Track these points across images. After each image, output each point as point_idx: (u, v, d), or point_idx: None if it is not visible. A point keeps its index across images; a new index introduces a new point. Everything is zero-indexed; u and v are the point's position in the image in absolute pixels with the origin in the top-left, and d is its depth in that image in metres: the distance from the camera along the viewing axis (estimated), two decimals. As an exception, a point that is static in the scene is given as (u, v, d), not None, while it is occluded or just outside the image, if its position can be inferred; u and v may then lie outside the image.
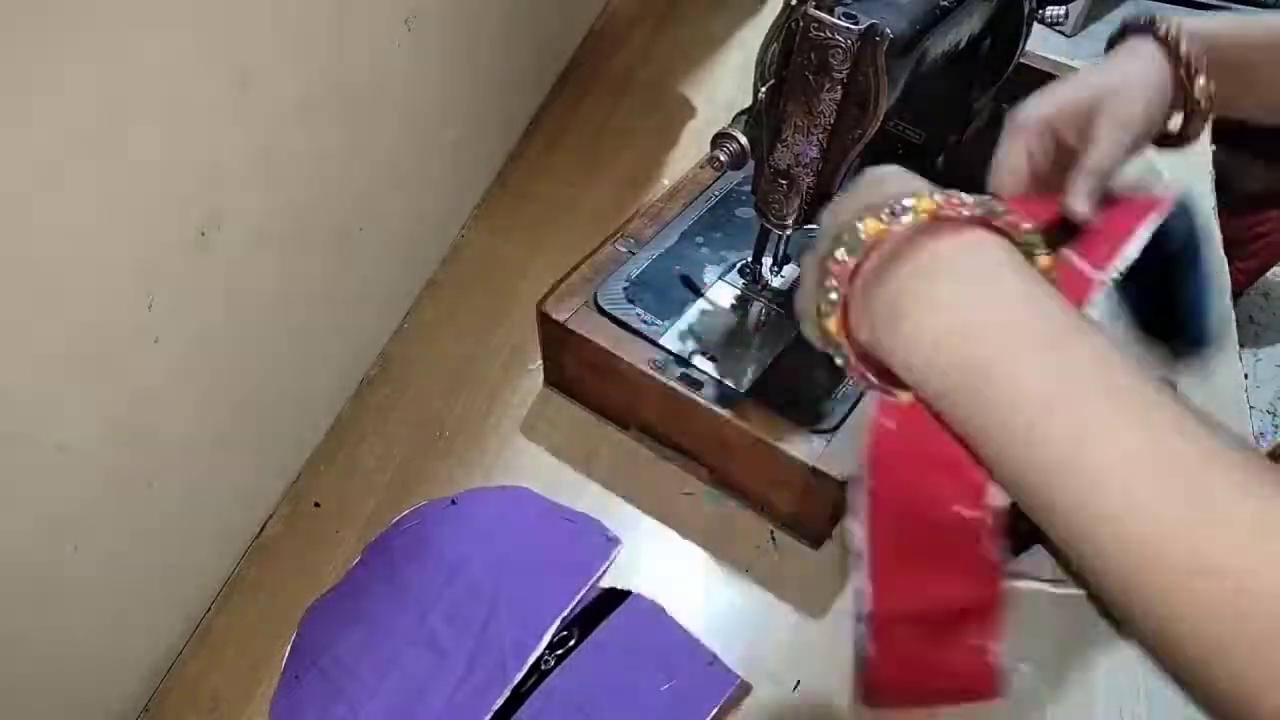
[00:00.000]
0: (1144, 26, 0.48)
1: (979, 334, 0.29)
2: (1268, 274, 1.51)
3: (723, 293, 0.65)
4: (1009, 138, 0.48)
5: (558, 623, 0.56)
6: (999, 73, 0.70)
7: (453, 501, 0.62)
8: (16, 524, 0.41)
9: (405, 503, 0.62)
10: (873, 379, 0.33)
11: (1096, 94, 0.46)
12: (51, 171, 0.37)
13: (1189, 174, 0.90)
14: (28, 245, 0.37)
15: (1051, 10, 0.66)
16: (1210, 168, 0.92)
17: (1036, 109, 0.48)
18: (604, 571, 0.59)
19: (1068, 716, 0.55)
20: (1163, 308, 0.44)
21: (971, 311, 0.29)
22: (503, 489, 0.63)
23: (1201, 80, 0.46)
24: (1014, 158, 0.47)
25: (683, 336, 0.62)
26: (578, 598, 0.57)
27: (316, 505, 0.63)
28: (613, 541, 0.60)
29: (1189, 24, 0.47)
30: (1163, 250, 0.40)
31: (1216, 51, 0.47)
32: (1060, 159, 0.47)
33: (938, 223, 0.31)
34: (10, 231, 0.36)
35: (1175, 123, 0.49)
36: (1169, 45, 0.47)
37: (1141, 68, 0.47)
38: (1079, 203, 0.43)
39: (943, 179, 0.33)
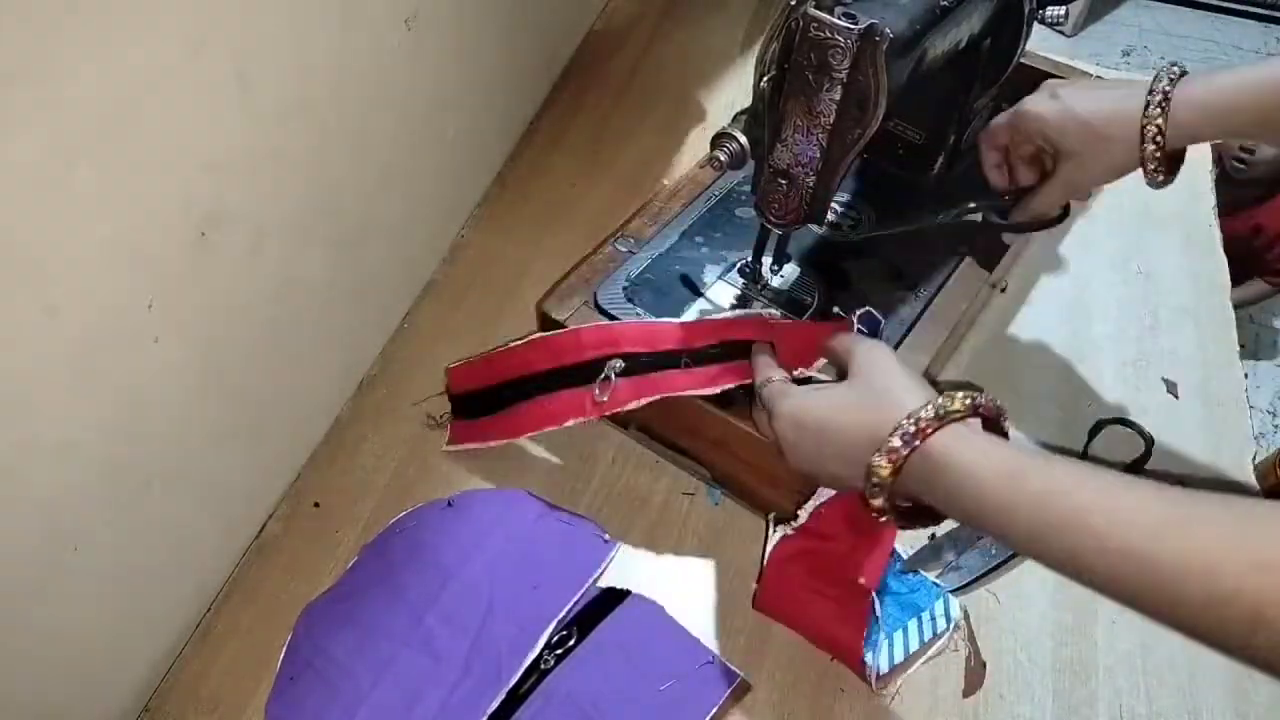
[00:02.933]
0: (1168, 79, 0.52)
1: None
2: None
3: (723, 292, 0.65)
4: (982, 142, 0.62)
5: (553, 626, 0.56)
6: (999, 73, 0.70)
7: (449, 503, 0.62)
8: (17, 524, 0.41)
9: (405, 503, 0.62)
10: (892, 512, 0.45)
11: (1065, 135, 0.55)
12: (51, 171, 0.37)
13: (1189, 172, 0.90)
14: (28, 245, 0.37)
15: (1051, 10, 0.66)
16: (1211, 168, 0.92)
17: (1008, 119, 0.59)
18: (601, 574, 0.59)
19: (1068, 715, 0.55)
20: None
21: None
22: (499, 490, 0.63)
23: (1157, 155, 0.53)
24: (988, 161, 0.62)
25: (682, 336, 0.62)
26: (573, 600, 0.57)
27: (316, 505, 0.63)
28: (609, 543, 0.60)
29: (1199, 94, 0.51)
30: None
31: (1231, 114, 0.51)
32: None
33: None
34: (11, 231, 0.36)
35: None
36: (1152, 125, 0.52)
37: (1121, 133, 0.53)
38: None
39: (942, 178, 0.33)
